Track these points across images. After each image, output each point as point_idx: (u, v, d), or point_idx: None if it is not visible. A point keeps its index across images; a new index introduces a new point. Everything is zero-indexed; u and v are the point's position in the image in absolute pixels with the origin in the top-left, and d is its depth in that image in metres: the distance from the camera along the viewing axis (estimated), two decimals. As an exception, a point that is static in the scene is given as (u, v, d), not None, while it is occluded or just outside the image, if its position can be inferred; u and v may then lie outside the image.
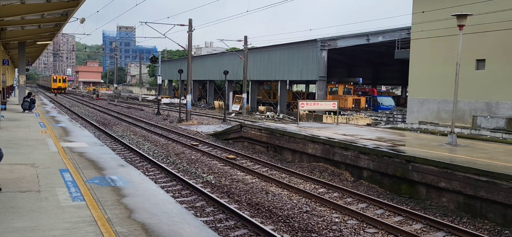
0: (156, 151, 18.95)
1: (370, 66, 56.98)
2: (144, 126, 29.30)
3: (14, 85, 46.32)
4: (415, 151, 13.95)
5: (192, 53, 40.49)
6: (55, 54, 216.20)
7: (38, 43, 30.87)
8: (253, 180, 14.14)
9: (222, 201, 11.01)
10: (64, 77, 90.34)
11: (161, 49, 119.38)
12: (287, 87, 49.86)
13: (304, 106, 25.06)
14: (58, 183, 8.69)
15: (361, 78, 45.99)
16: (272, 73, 45.87)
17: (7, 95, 36.09)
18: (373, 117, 35.06)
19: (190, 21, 33.17)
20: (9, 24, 20.02)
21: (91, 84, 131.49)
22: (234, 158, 17.83)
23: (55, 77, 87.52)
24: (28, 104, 25.33)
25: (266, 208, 10.97)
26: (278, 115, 41.26)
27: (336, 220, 10.34)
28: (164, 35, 34.09)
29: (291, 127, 21.06)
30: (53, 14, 18.27)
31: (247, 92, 46.54)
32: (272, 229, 9.29)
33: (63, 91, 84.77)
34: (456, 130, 18.37)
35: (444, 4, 24.35)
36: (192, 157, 18.10)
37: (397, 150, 14.12)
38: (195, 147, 20.30)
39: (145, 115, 39.01)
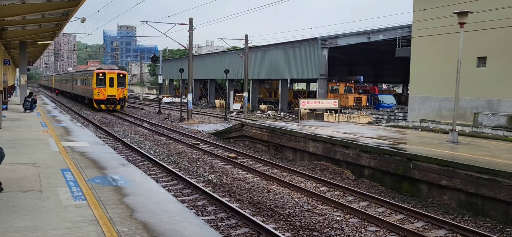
0: (157, 150, 18.96)
1: (371, 64, 56.90)
2: (145, 125, 29.31)
3: (15, 85, 46.35)
4: (416, 149, 13.94)
5: (193, 52, 40.48)
6: (56, 54, 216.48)
7: (39, 43, 30.93)
8: (255, 179, 14.14)
9: (223, 200, 11.02)
10: (122, 74, 40.92)
11: (162, 48, 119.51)
12: (288, 86, 49.83)
13: (305, 105, 25.01)
14: (60, 182, 8.70)
15: (362, 77, 45.90)
16: (273, 72, 45.83)
17: (8, 95, 36.11)
18: (374, 116, 35.05)
19: (191, 20, 33.18)
20: (10, 24, 20.04)
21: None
22: (235, 156, 17.83)
23: (101, 74, 38.89)
24: (29, 104, 25.35)
25: (268, 206, 10.98)
26: (279, 114, 41.26)
27: (338, 218, 10.33)
28: (165, 34, 34.08)
29: (292, 126, 21.05)
30: (53, 14, 18.29)
31: (248, 91, 46.53)
32: (273, 228, 9.30)
33: (119, 105, 39.68)
34: (458, 128, 18.34)
35: (445, 2, 24.26)
36: (193, 156, 18.10)
37: (399, 148, 14.10)
38: (196, 146, 20.30)
39: (146, 114, 39.02)
